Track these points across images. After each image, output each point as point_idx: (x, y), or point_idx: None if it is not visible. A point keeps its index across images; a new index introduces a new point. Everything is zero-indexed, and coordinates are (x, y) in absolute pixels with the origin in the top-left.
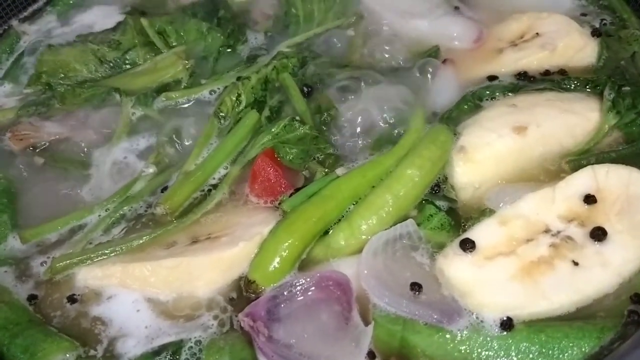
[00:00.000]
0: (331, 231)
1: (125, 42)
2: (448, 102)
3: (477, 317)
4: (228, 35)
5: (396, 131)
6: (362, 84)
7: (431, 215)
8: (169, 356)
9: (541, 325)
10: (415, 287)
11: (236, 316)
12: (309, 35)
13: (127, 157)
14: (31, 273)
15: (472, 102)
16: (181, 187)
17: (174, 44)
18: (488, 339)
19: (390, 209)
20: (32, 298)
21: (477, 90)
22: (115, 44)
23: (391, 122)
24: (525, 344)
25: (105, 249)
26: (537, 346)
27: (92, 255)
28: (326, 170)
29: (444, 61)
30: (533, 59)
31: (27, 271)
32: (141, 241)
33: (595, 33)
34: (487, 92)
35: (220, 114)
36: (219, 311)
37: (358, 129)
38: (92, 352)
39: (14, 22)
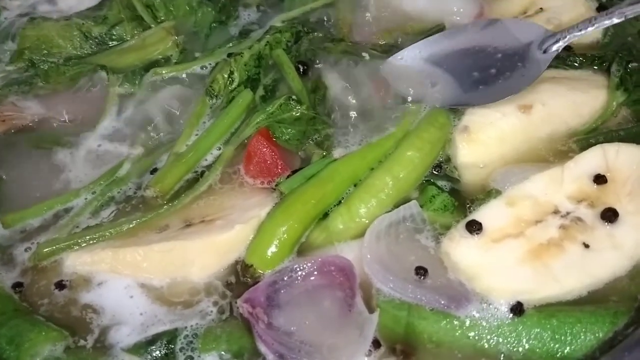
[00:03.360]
0: (330, 215)
1: (111, 16)
2: None
3: (485, 302)
4: (219, 10)
5: (394, 113)
6: (359, 61)
7: (433, 197)
8: (163, 345)
9: (552, 310)
10: (421, 271)
11: (236, 302)
12: (305, 9)
13: (113, 138)
14: (15, 260)
15: None
16: (172, 169)
17: (162, 18)
18: (498, 324)
19: (390, 191)
20: (17, 286)
21: None
22: (101, 19)
23: (388, 102)
24: (536, 329)
25: (93, 233)
26: (549, 332)
27: (80, 240)
28: (324, 152)
29: None
30: None
31: (11, 258)
32: (131, 225)
33: (602, 8)
34: None
35: (212, 92)
36: (218, 297)
37: (355, 110)
38: (81, 342)
39: None
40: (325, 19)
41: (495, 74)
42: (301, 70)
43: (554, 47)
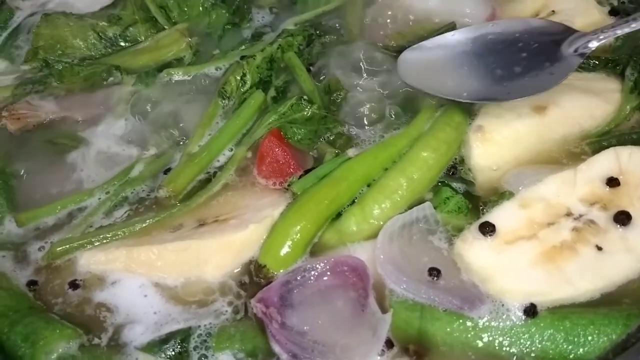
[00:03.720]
0: (343, 215)
1: (125, 17)
2: None
3: (499, 304)
4: (233, 12)
5: (408, 112)
6: (372, 63)
7: (447, 198)
8: (177, 344)
9: (565, 311)
10: (434, 272)
11: (249, 302)
12: (317, 12)
13: (127, 138)
14: (30, 258)
15: None
16: (185, 169)
17: (176, 19)
18: (511, 326)
19: (404, 192)
20: (32, 284)
21: None
22: (115, 19)
23: (401, 102)
24: (549, 330)
25: (106, 233)
26: (562, 333)
27: (93, 239)
28: (337, 151)
29: None
30: None
31: (26, 256)
32: (144, 224)
33: (614, 12)
34: None
35: (225, 93)
36: (232, 297)
37: (368, 109)
38: (96, 341)
39: None
40: (337, 22)
41: (521, 71)
42: (312, 72)
43: (590, 45)
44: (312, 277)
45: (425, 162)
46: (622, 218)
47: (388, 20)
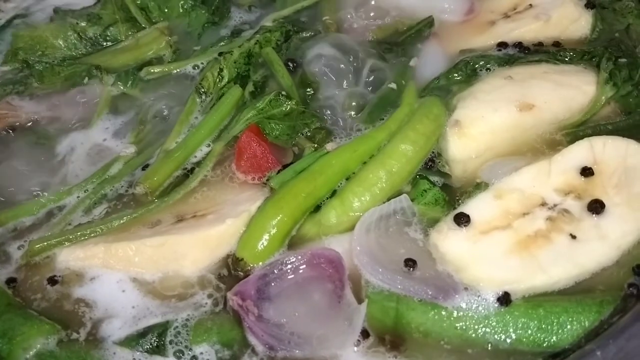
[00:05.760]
0: (322, 208)
1: (105, 17)
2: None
3: (473, 293)
4: (213, 12)
5: (386, 105)
6: (350, 57)
7: (425, 191)
8: (154, 337)
9: (539, 300)
10: (410, 263)
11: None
12: (296, 8)
13: (106, 137)
14: (9, 257)
15: (464, 71)
16: (161, 166)
17: (156, 19)
18: (485, 314)
19: (384, 185)
20: (11, 281)
21: (471, 59)
22: (95, 19)
23: (379, 96)
24: (523, 319)
25: (84, 230)
26: (535, 321)
27: (71, 237)
28: (315, 145)
29: (429, 35)
30: (526, 30)
31: (4, 255)
32: (122, 221)
33: (590, 5)
34: (481, 63)
35: (202, 89)
36: (212, 289)
37: (345, 103)
38: (74, 336)
39: None
40: (315, 17)
41: None
42: (291, 67)
43: None
44: (289, 270)
45: (404, 154)
46: (596, 207)
47: (366, 15)
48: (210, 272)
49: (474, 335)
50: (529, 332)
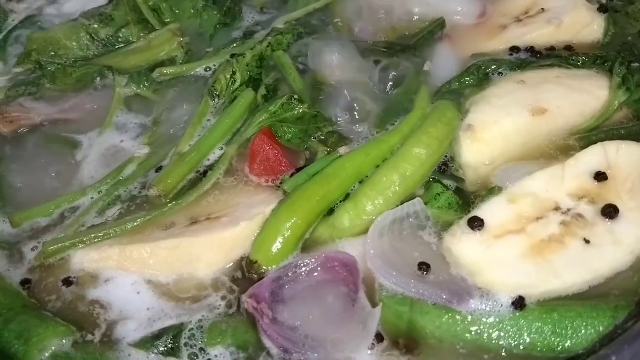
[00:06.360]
0: (336, 211)
1: (118, 18)
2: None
3: (487, 297)
4: (224, 13)
5: (399, 109)
6: (361, 59)
7: (438, 194)
8: (169, 339)
9: (554, 304)
10: (423, 267)
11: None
12: (307, 10)
13: (120, 138)
14: (24, 257)
15: (477, 75)
16: (175, 168)
17: (168, 21)
18: (500, 319)
19: (397, 188)
20: (25, 282)
21: (483, 63)
22: (108, 20)
23: (392, 99)
24: (538, 323)
25: (98, 232)
26: (550, 326)
27: (85, 239)
28: (329, 149)
29: (441, 37)
30: (538, 35)
31: (20, 256)
32: (135, 223)
33: (602, 9)
34: (494, 67)
35: (215, 92)
36: (226, 292)
37: (358, 106)
38: (89, 337)
39: (1, 1)
40: (327, 19)
41: None
42: (302, 70)
43: None
44: (303, 273)
45: (417, 158)
46: (610, 212)
47: (377, 17)
48: (225, 275)
49: (488, 339)
50: (543, 336)
